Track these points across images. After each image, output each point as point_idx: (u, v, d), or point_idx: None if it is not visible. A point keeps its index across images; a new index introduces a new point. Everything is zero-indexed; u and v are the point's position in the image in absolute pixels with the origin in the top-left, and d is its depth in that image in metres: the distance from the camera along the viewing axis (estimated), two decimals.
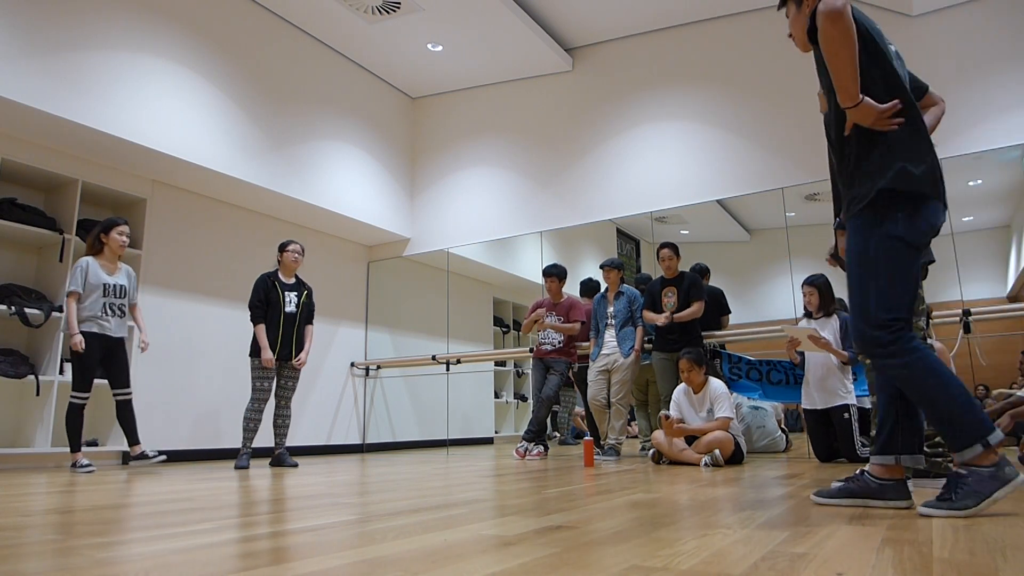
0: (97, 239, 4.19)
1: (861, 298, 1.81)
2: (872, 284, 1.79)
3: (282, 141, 5.88)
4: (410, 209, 7.28)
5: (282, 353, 4.48)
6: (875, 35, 1.89)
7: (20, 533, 1.61)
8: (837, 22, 1.67)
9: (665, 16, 5.97)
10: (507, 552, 1.30)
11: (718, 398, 3.98)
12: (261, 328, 4.43)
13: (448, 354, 6.61)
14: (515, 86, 6.88)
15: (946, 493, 1.73)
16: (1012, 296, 5.48)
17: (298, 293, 4.63)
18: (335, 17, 5.96)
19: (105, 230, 4.19)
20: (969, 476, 1.69)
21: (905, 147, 1.81)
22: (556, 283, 5.13)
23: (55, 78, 4.27)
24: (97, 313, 4.06)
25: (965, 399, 1.70)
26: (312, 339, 4.70)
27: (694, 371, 4.03)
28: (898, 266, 1.78)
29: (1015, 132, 4.60)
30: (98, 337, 4.05)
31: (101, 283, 4.09)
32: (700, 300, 4.62)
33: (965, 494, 1.68)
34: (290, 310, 4.53)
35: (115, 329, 4.15)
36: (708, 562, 1.19)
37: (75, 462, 3.94)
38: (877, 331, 1.78)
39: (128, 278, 4.29)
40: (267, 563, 1.22)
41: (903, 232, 1.77)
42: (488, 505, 2.10)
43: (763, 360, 4.84)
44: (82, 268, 4.07)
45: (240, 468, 4.17)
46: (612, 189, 6.10)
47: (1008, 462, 1.70)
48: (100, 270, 4.12)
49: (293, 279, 4.69)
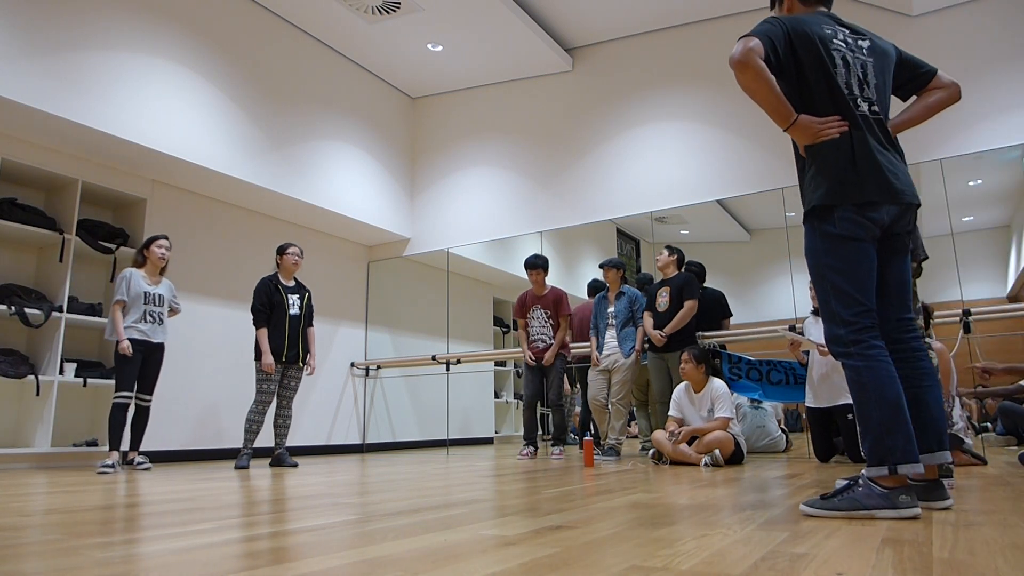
0: (140, 253, 4.45)
1: (823, 298, 1.86)
2: (828, 284, 1.83)
3: (282, 141, 5.88)
4: (410, 209, 7.28)
5: (288, 355, 4.55)
6: (818, 42, 1.89)
7: (20, 533, 1.61)
8: (744, 72, 1.78)
9: (665, 16, 5.97)
10: (507, 552, 1.30)
11: (719, 398, 3.98)
12: (263, 332, 4.48)
13: (448, 354, 6.61)
14: (515, 86, 6.88)
15: (831, 493, 1.77)
16: (1012, 296, 5.47)
17: (300, 295, 4.69)
18: (335, 17, 5.96)
19: (147, 245, 4.45)
20: (862, 487, 1.73)
21: (832, 164, 1.85)
22: (540, 275, 5.08)
23: (55, 78, 4.27)
24: (138, 319, 4.27)
25: (894, 421, 1.71)
26: (315, 342, 4.71)
27: (691, 365, 4.03)
28: (846, 262, 1.81)
29: (1015, 132, 4.60)
30: (139, 342, 4.26)
31: (142, 292, 4.33)
32: (692, 299, 4.62)
33: (847, 499, 1.73)
34: (294, 312, 4.61)
35: (155, 335, 4.35)
36: (708, 562, 1.19)
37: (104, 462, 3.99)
38: (840, 328, 1.81)
39: (168, 289, 4.51)
40: (267, 563, 1.22)
41: (839, 230, 1.82)
42: (488, 505, 2.10)
43: (763, 360, 4.83)
44: (126, 278, 4.30)
45: (240, 468, 4.23)
46: (612, 189, 6.10)
47: (910, 497, 1.68)
48: (142, 280, 4.35)
49: (293, 281, 4.74)
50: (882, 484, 1.71)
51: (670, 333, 4.59)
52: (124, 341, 4.15)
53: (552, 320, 5.03)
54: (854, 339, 1.78)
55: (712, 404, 3.98)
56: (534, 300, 5.10)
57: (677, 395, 4.16)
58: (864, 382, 1.76)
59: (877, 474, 1.71)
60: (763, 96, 1.81)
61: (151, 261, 4.41)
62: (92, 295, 5.00)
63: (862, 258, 1.81)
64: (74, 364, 4.60)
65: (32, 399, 4.44)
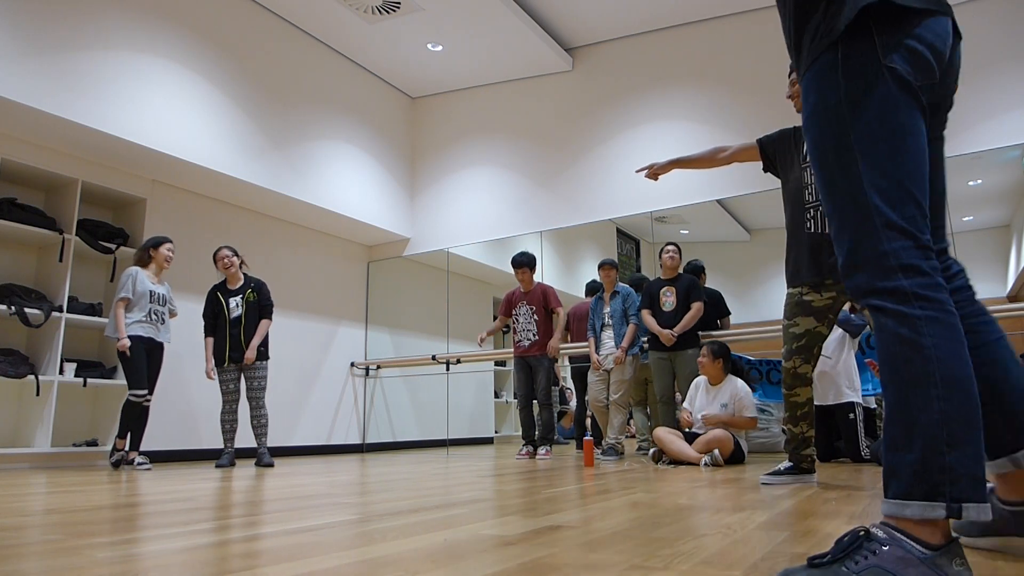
0: (146, 252, 4.45)
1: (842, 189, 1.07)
2: (859, 163, 1.04)
3: (282, 141, 5.88)
4: (410, 209, 7.28)
5: (234, 356, 4.59)
6: None
7: (20, 533, 1.61)
8: None
9: (665, 16, 5.97)
10: (507, 552, 1.30)
11: (741, 399, 3.92)
12: (208, 341, 4.65)
13: (448, 354, 6.61)
14: (515, 86, 6.88)
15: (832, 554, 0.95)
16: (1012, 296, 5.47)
17: (243, 296, 4.68)
18: (335, 17, 5.96)
19: (155, 245, 4.46)
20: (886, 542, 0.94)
21: None
22: (527, 273, 5.08)
23: (55, 78, 4.27)
24: (143, 318, 4.29)
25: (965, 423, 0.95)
26: (264, 332, 4.66)
27: (708, 359, 4.02)
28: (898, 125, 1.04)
29: (1015, 132, 4.60)
30: (144, 340, 4.27)
31: (147, 290, 4.34)
32: (700, 301, 4.62)
33: (870, 570, 0.92)
34: (236, 315, 4.63)
35: (160, 334, 4.38)
36: (708, 562, 1.19)
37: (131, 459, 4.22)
38: (884, 242, 1.01)
39: (168, 291, 4.53)
40: (267, 563, 1.22)
41: (898, 65, 1.04)
42: (488, 505, 2.10)
43: (763, 360, 4.84)
44: (132, 276, 4.29)
45: (221, 467, 4.35)
46: (612, 189, 6.10)
47: (965, 567, 0.92)
48: (147, 279, 4.37)
49: (240, 282, 4.73)
50: (924, 539, 0.93)
51: (679, 333, 4.57)
52: (124, 339, 4.14)
53: (537, 316, 5.03)
54: (912, 264, 1.00)
55: (732, 404, 3.94)
56: (521, 297, 5.10)
57: (692, 389, 4.15)
58: (924, 347, 0.97)
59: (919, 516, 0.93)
60: None
61: (157, 262, 4.43)
62: (92, 295, 5.00)
63: (921, 124, 1.06)
64: (74, 364, 4.60)
65: (32, 399, 4.44)
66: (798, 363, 2.70)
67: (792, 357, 2.72)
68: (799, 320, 2.72)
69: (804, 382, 2.70)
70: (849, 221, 1.05)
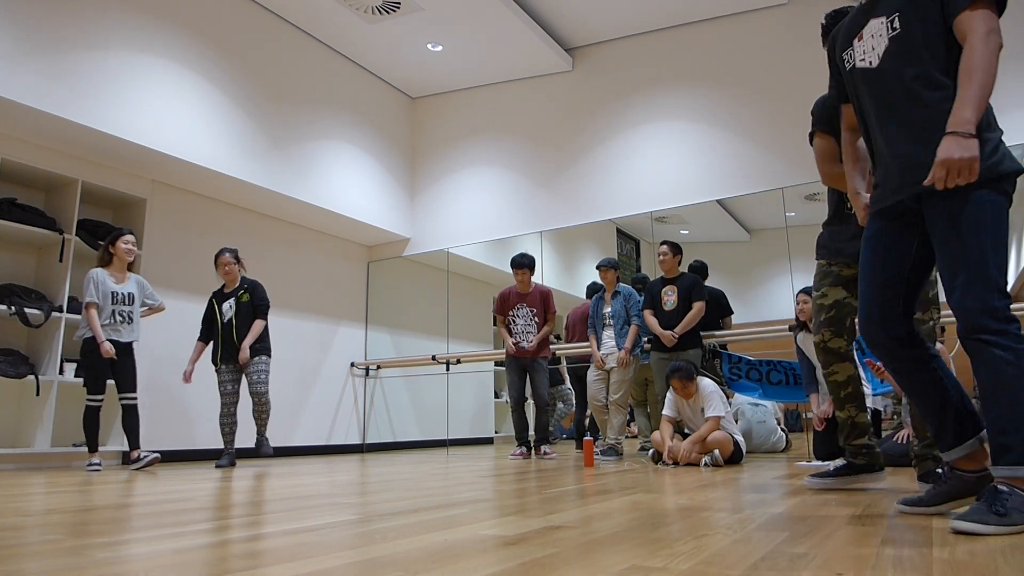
0: (106, 251, 4.36)
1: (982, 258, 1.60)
2: (998, 249, 1.60)
3: (282, 141, 5.88)
4: (410, 209, 7.28)
5: (227, 358, 4.64)
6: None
7: (20, 533, 1.61)
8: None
9: (665, 16, 5.97)
10: (507, 552, 1.30)
11: (707, 397, 3.95)
12: (198, 345, 4.72)
13: (448, 354, 6.61)
14: (515, 86, 6.88)
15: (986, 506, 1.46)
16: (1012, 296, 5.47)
17: (235, 299, 4.70)
18: (335, 17, 5.96)
19: (112, 241, 4.36)
20: (1012, 494, 1.47)
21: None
22: (527, 274, 5.08)
23: (55, 78, 4.27)
24: (106, 320, 4.22)
25: None
26: (258, 332, 4.65)
27: (679, 384, 3.99)
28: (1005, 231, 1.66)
29: (1015, 132, 4.60)
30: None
31: (109, 291, 4.27)
32: (701, 301, 4.62)
33: (1012, 506, 1.44)
34: (227, 319, 4.67)
35: (123, 335, 4.30)
36: (708, 562, 1.19)
37: (89, 461, 4.12)
38: (999, 300, 1.57)
39: (138, 286, 4.43)
40: (267, 563, 1.22)
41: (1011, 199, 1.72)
42: (488, 505, 2.10)
43: (763, 360, 4.83)
44: (93, 279, 4.23)
45: (221, 467, 4.34)
46: (612, 189, 6.10)
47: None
48: (108, 279, 4.29)
49: (235, 284, 4.75)
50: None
51: (680, 334, 4.57)
52: (106, 343, 4.11)
53: (538, 319, 5.03)
54: (1009, 316, 1.57)
55: (703, 404, 3.96)
56: (518, 298, 5.10)
57: (671, 395, 4.14)
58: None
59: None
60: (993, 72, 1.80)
61: (118, 257, 4.34)
62: None
63: None
64: (74, 364, 4.59)
65: (32, 399, 4.44)
66: (828, 336, 2.45)
67: (821, 330, 2.47)
68: (827, 291, 2.50)
69: (839, 357, 2.43)
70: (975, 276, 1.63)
